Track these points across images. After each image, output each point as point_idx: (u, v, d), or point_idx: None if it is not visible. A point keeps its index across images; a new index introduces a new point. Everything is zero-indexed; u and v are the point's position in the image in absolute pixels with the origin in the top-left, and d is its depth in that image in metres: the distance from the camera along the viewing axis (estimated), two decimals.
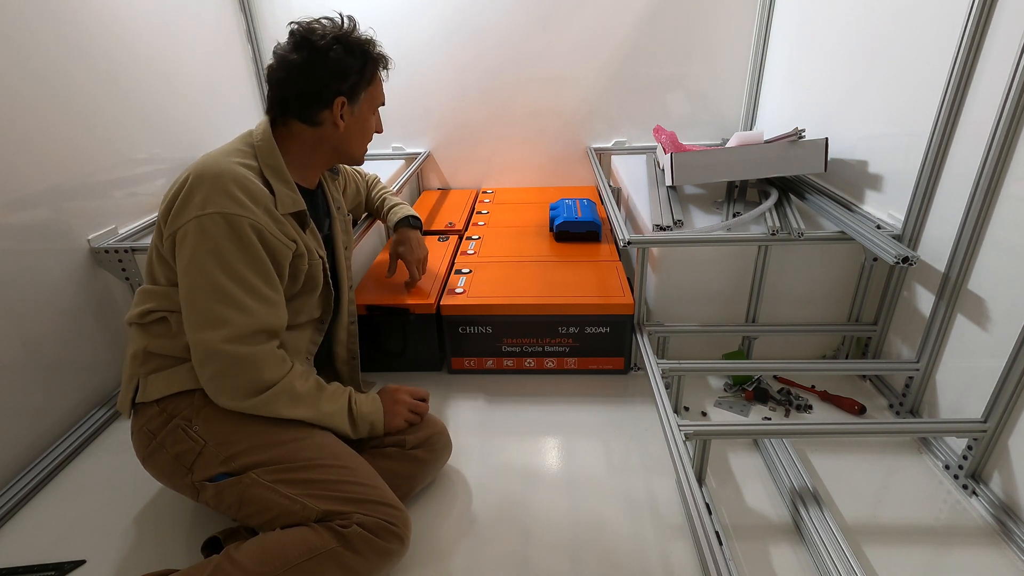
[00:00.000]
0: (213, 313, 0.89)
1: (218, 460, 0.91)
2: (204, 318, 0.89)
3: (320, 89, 0.99)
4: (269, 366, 0.93)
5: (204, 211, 0.88)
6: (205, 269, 0.88)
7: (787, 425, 1.24)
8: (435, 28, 2.10)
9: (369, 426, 1.05)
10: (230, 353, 0.89)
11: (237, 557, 0.84)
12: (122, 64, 1.48)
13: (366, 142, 1.12)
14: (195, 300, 0.89)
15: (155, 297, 0.96)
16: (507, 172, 2.39)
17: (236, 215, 0.88)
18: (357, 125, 1.06)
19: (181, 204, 0.90)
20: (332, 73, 0.99)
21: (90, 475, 1.23)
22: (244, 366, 0.90)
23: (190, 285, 0.89)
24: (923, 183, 1.18)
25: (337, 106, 1.01)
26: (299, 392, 0.96)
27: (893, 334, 1.36)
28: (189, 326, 0.91)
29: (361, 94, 1.04)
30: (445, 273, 1.61)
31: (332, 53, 0.98)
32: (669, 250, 1.42)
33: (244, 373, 0.91)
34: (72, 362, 1.34)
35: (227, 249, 0.88)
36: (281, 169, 0.99)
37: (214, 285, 0.88)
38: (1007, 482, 1.04)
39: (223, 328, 0.89)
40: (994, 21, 1.02)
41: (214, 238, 0.88)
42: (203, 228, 0.88)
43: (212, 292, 0.88)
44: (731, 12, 2.00)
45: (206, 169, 0.90)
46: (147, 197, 1.57)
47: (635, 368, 1.52)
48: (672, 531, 1.04)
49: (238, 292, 0.89)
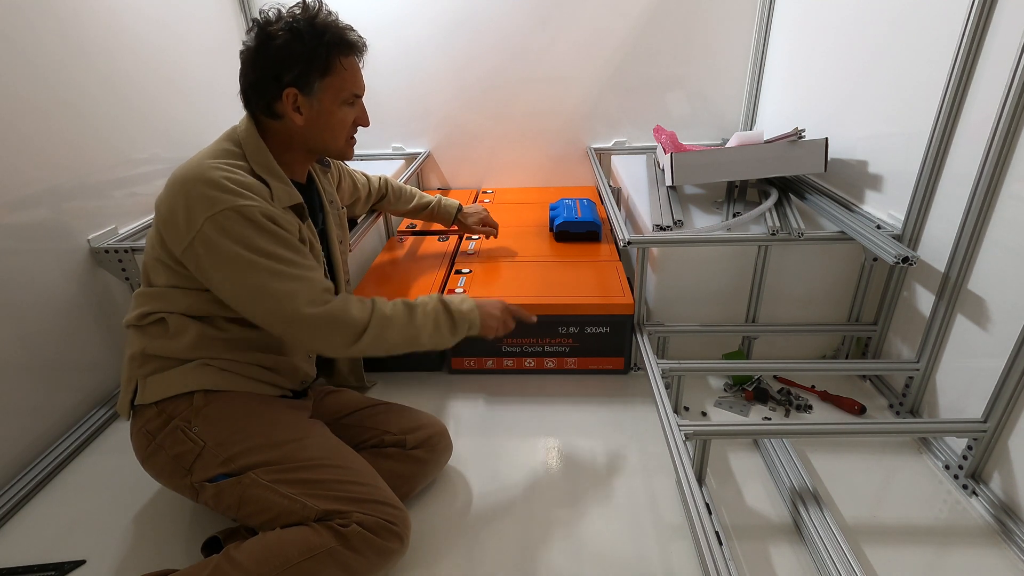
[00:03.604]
0: (276, 291, 0.88)
1: (218, 461, 0.91)
2: (271, 301, 0.88)
3: (266, 79, 0.93)
4: (354, 307, 0.94)
5: (215, 210, 0.86)
6: (243, 262, 0.87)
7: (787, 425, 1.24)
8: (435, 28, 2.10)
9: (468, 324, 1.04)
10: (315, 314, 0.89)
11: (237, 557, 0.84)
12: (122, 64, 1.48)
13: (339, 135, 1.02)
14: (252, 293, 0.88)
15: (153, 299, 0.96)
16: (507, 172, 2.39)
17: (246, 205, 0.87)
18: (320, 118, 0.97)
19: (185, 213, 0.87)
20: (275, 62, 0.92)
21: (90, 475, 1.23)
22: (333, 320, 0.91)
23: (239, 282, 0.88)
24: (923, 183, 1.18)
25: (287, 98, 0.94)
26: (388, 314, 0.96)
27: (893, 334, 1.36)
28: (263, 318, 0.90)
29: (315, 83, 0.94)
30: (445, 273, 1.61)
31: (277, 40, 0.91)
32: (669, 250, 1.42)
33: (337, 325, 0.91)
34: (72, 362, 1.34)
35: (251, 236, 0.87)
36: (271, 165, 0.96)
37: (260, 270, 0.87)
38: (1007, 482, 1.03)
39: (293, 299, 0.88)
40: (994, 21, 1.02)
41: (234, 232, 0.86)
42: (220, 227, 0.86)
43: (265, 275, 0.87)
44: (731, 12, 2.00)
45: (195, 176, 0.88)
46: (147, 197, 1.57)
47: (635, 368, 1.52)
48: (672, 531, 1.04)
49: (282, 268, 0.89)
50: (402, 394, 1.43)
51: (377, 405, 1.17)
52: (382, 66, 2.13)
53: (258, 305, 0.89)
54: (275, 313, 0.89)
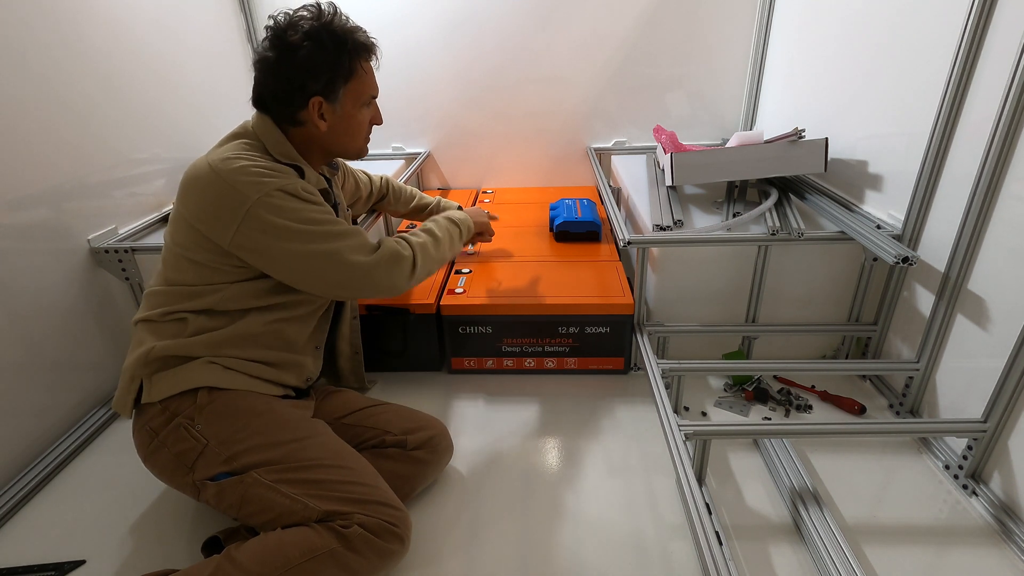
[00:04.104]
0: (339, 253, 0.94)
1: (220, 459, 0.91)
2: (331, 262, 0.93)
3: (292, 90, 0.95)
4: (403, 247, 1.02)
5: (261, 192, 0.90)
6: (294, 233, 0.91)
7: (787, 425, 1.24)
8: (435, 28, 2.10)
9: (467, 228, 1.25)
10: (373, 261, 0.97)
11: (238, 557, 0.84)
12: (122, 65, 1.48)
13: (359, 138, 1.06)
14: (310, 263, 0.93)
15: (182, 298, 0.96)
16: (507, 172, 2.39)
17: (287, 183, 0.92)
18: (342, 122, 1.01)
19: (231, 200, 0.89)
20: (302, 72, 0.94)
21: (90, 475, 1.23)
22: (390, 262, 0.98)
23: (298, 253, 0.92)
24: (923, 183, 1.18)
25: (313, 106, 0.96)
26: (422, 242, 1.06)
27: (893, 334, 1.37)
28: (325, 281, 0.96)
29: (340, 90, 0.98)
30: (445, 273, 1.61)
31: (302, 51, 0.93)
32: (669, 250, 1.43)
33: (394, 265, 0.99)
34: (72, 362, 1.34)
35: (300, 209, 0.92)
36: (295, 156, 1.00)
37: (313, 237, 0.92)
38: (1007, 482, 1.04)
39: (354, 255, 0.95)
40: (994, 21, 1.02)
41: (285, 208, 0.91)
42: (271, 206, 0.90)
43: (318, 241, 0.93)
44: (731, 12, 2.00)
45: (229, 165, 0.91)
46: (147, 197, 1.57)
47: (635, 368, 1.52)
48: (672, 531, 1.04)
49: (331, 228, 0.94)
50: (402, 394, 1.43)
51: (377, 405, 1.17)
52: (382, 66, 2.08)
53: (318, 270, 0.94)
54: (338, 270, 0.95)
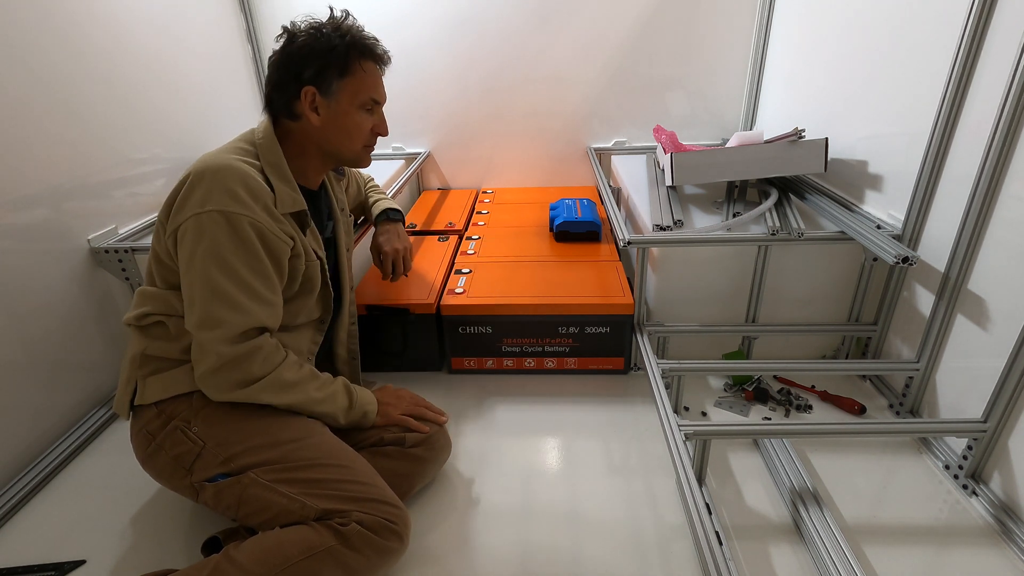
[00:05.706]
0: (210, 314, 0.89)
1: (217, 461, 0.91)
2: (200, 317, 0.90)
3: (288, 78, 0.97)
4: (258, 362, 0.93)
5: (203, 208, 0.87)
6: (203, 269, 0.88)
7: (787, 425, 1.24)
8: (435, 28, 2.10)
9: (363, 413, 1.05)
10: (223, 354, 0.90)
11: (236, 556, 0.84)
12: (122, 64, 1.48)
13: (355, 140, 1.04)
14: (193, 299, 0.90)
15: (153, 300, 0.97)
16: (507, 172, 2.39)
17: (235, 213, 0.88)
18: (336, 119, 1.00)
19: (181, 202, 0.90)
20: (297, 59, 0.96)
21: (90, 475, 1.23)
22: (235, 364, 0.91)
23: (189, 283, 0.90)
24: (923, 183, 1.18)
25: (306, 96, 0.97)
26: (288, 381, 0.96)
27: (893, 334, 1.36)
28: (188, 322, 0.91)
29: (333, 83, 0.97)
30: (445, 273, 1.61)
31: (300, 38, 0.96)
32: (669, 250, 1.42)
33: (234, 371, 0.91)
34: (72, 362, 1.34)
35: (225, 247, 0.88)
36: (282, 167, 0.98)
37: (212, 285, 0.89)
38: (1007, 482, 1.03)
39: (218, 328, 0.89)
40: (994, 21, 1.02)
41: (212, 236, 0.88)
42: (202, 226, 0.88)
43: (210, 292, 0.89)
44: (731, 12, 2.00)
45: (207, 166, 0.90)
46: (147, 197, 1.57)
47: (635, 368, 1.52)
48: (672, 531, 1.04)
49: (235, 292, 0.90)
50: None
51: None
52: None
53: (187, 309, 0.91)
54: (193, 325, 0.91)
